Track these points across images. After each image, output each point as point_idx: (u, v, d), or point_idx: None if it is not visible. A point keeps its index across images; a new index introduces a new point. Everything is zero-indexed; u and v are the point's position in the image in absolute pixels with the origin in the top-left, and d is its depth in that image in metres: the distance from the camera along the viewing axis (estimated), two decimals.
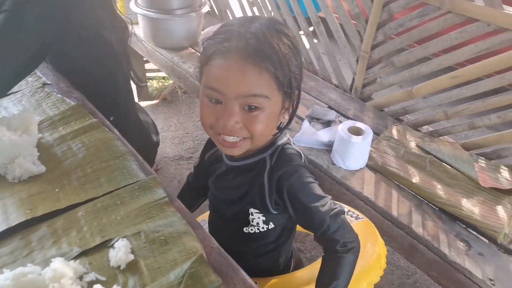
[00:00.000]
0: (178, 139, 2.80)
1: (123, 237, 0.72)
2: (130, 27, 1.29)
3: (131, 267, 0.68)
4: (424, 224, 1.38)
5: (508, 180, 1.53)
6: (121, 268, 0.67)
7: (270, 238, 0.93)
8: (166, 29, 2.26)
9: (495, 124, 1.64)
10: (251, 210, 0.88)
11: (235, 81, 0.70)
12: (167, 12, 2.19)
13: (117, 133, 0.97)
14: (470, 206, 1.41)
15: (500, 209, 1.40)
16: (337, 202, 0.87)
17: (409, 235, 1.37)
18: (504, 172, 1.57)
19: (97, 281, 0.66)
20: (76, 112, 1.01)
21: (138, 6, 2.23)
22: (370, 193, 1.49)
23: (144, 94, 3.15)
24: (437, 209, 1.45)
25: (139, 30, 2.41)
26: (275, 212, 0.87)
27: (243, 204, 0.88)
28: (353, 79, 2.06)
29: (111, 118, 1.27)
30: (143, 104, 3.12)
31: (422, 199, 1.48)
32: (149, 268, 0.67)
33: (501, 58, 1.49)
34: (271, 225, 0.90)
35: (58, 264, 0.63)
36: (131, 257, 0.68)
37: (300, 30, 2.24)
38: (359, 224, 1.18)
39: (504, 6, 1.42)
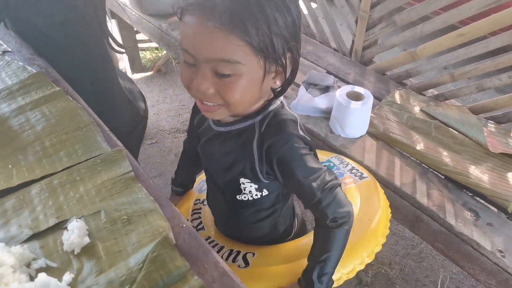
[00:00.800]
0: (174, 111, 2.71)
1: (80, 218, 0.63)
2: None
3: (88, 251, 0.59)
4: (429, 193, 1.29)
5: None
6: (76, 253, 0.58)
7: (265, 204, 0.88)
8: None
9: (506, 85, 1.52)
10: (242, 179, 0.82)
11: (202, 44, 0.63)
12: None
13: (82, 102, 0.86)
14: (479, 174, 1.31)
15: (510, 176, 1.30)
16: (334, 173, 0.80)
17: (413, 205, 1.29)
18: None
19: (47, 268, 0.57)
20: (37, 81, 0.90)
21: None
22: (371, 162, 1.39)
23: (137, 65, 3.04)
24: (443, 177, 1.37)
25: None
26: (267, 181, 0.81)
27: (232, 173, 0.82)
28: (353, 41, 1.93)
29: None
30: (136, 76, 3.02)
31: (427, 167, 1.40)
32: (108, 252, 0.58)
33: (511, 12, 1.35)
34: (265, 192, 0.84)
35: None
36: (87, 240, 0.59)
37: None
38: (362, 184, 1.11)
39: None
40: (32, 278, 0.55)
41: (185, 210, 1.13)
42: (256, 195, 0.84)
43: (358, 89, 1.46)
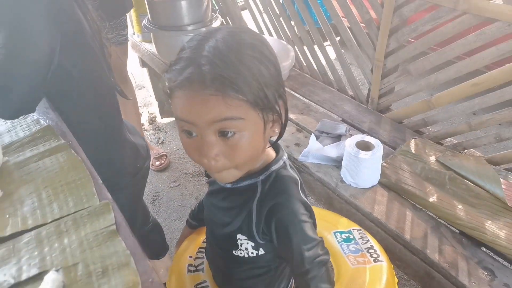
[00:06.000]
0: None
1: (58, 269, 0.65)
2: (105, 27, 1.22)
3: None
4: (441, 249, 1.23)
5: None
6: None
7: (260, 263, 0.87)
8: (178, 46, 2.23)
9: None
10: (239, 235, 0.82)
11: (200, 111, 0.64)
12: (178, 28, 2.17)
13: (83, 155, 0.92)
14: (495, 229, 1.25)
15: None
16: (326, 248, 0.79)
17: (424, 261, 1.24)
18: None
19: None
20: (46, 134, 0.97)
21: (149, 24, 2.22)
22: (381, 214, 1.36)
23: (167, 110, 3.15)
24: (458, 232, 1.30)
25: (153, 47, 2.42)
26: (262, 242, 0.82)
27: (230, 228, 0.83)
28: (369, 89, 1.93)
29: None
30: (166, 120, 3.13)
31: (440, 220, 1.34)
32: None
33: None
34: (261, 251, 0.84)
35: None
36: None
37: (314, 43, 2.15)
38: (375, 268, 1.00)
39: None
40: None
41: (193, 246, 1.14)
42: (252, 253, 0.83)
43: (369, 138, 1.45)
